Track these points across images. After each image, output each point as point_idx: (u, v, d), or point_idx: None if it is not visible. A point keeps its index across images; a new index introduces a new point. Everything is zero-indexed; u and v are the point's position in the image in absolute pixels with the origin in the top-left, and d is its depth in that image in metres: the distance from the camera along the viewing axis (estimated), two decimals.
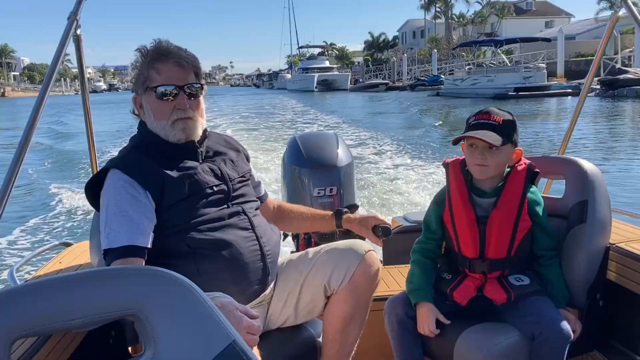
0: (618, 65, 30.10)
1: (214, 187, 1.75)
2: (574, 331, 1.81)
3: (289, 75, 77.51)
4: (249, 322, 1.41)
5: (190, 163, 1.75)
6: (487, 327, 1.84)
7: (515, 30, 54.26)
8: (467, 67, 39.25)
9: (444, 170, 2.06)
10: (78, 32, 2.28)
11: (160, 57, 1.72)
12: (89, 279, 0.83)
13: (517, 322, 1.83)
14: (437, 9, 63.86)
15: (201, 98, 1.79)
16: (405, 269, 2.53)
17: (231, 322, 1.31)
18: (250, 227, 1.77)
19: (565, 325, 1.78)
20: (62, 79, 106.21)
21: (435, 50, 50.93)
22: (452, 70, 42.35)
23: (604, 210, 1.96)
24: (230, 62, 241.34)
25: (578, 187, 1.98)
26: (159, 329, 0.80)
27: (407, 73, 56.36)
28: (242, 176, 1.88)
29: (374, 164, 10.31)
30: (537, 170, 1.95)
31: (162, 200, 1.66)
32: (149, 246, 1.61)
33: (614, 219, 2.11)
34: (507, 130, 1.87)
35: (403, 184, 8.16)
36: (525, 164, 1.93)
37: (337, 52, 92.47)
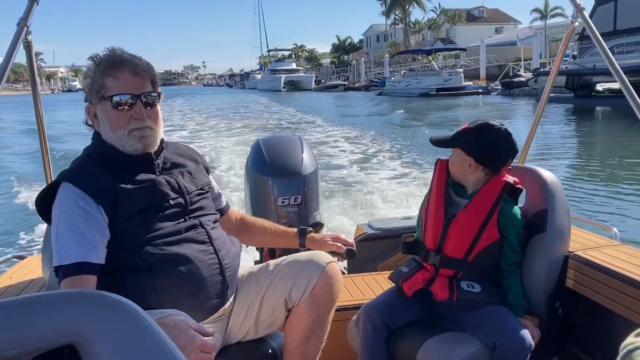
0: (522, 71, 35.97)
1: (171, 200, 1.66)
2: (532, 338, 1.77)
3: (259, 76, 78.47)
4: (203, 340, 1.35)
5: (146, 175, 1.65)
6: (449, 337, 1.81)
7: (467, 36, 58.03)
8: (403, 71, 45.40)
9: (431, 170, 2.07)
10: (29, 38, 2.18)
11: (115, 65, 1.62)
12: (24, 306, 0.77)
13: (478, 332, 1.80)
14: (396, 16, 67.91)
15: (158, 107, 1.70)
16: (369, 278, 2.51)
17: (184, 342, 1.29)
18: (208, 240, 1.68)
19: (526, 334, 1.75)
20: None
21: (387, 55, 53.95)
22: (393, 74, 48.11)
23: (562, 219, 1.94)
24: (203, 62, 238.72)
25: (538, 196, 1.96)
26: (101, 358, 0.74)
27: (365, 75, 59.00)
28: (201, 188, 1.78)
29: (338, 169, 9.97)
30: (520, 187, 1.92)
31: (115, 214, 1.57)
32: (101, 262, 1.52)
33: (572, 226, 2.09)
34: (460, 137, 1.93)
35: (366, 189, 7.93)
36: (506, 178, 1.90)
37: (307, 54, 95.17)
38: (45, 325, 0.77)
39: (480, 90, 35.84)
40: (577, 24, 2.45)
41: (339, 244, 1.93)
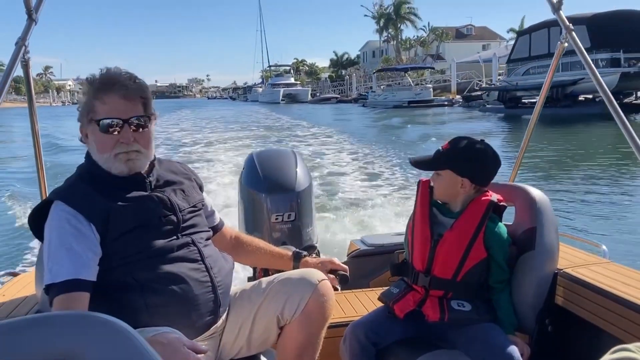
0: (483, 85, 39.13)
1: (163, 218, 1.59)
2: (522, 355, 1.70)
3: (260, 89, 79.89)
4: (196, 358, 1.29)
5: (137, 193, 1.59)
6: (440, 354, 1.76)
7: (456, 52, 58.38)
8: (382, 86, 49.07)
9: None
10: (26, 57, 2.16)
11: (104, 88, 1.54)
12: (13, 329, 0.73)
13: (468, 349, 1.73)
14: (389, 34, 68.59)
15: (150, 127, 1.62)
16: (362, 294, 2.41)
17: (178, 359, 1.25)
18: (200, 258, 1.62)
19: (516, 352, 1.67)
20: (48, 90, 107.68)
21: (374, 72, 54.93)
22: (374, 89, 51.24)
23: (551, 237, 1.88)
24: (207, 75, 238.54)
25: (527, 214, 1.90)
26: None
27: (356, 89, 60.71)
28: (194, 206, 1.71)
29: (332, 183, 9.57)
30: (504, 204, 1.85)
31: (107, 232, 1.51)
32: (93, 280, 1.46)
33: (561, 243, 2.02)
34: (446, 158, 1.82)
35: (360, 204, 7.61)
36: (489, 196, 1.83)
37: (308, 68, 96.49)
38: (36, 348, 0.73)
39: (446, 103, 39.40)
40: (566, 44, 2.40)
41: (332, 277, 1.87)
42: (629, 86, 22.53)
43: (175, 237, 1.61)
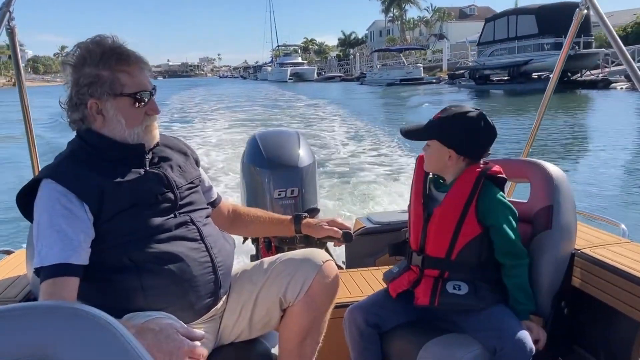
0: (470, 64, 40.43)
1: (159, 196, 1.47)
2: (537, 340, 1.57)
3: (270, 68, 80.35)
4: (191, 345, 1.20)
5: (133, 170, 1.46)
6: (449, 339, 1.64)
7: (458, 32, 58.58)
8: (378, 66, 51.87)
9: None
10: (12, 24, 1.99)
11: (127, 61, 1.44)
12: None
13: (479, 335, 1.60)
14: (393, 14, 66.96)
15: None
16: (367, 273, 2.30)
17: (171, 347, 1.18)
18: (199, 237, 1.50)
19: (527, 339, 1.53)
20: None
21: (375, 52, 56.07)
22: (372, 67, 53.46)
23: (569, 215, 1.74)
24: (218, 54, 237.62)
25: (543, 191, 1.75)
26: None
27: (360, 68, 61.74)
28: (191, 182, 1.58)
29: (336, 160, 9.17)
30: (502, 176, 1.68)
31: (101, 212, 1.38)
32: (84, 263, 1.34)
33: (579, 222, 1.87)
34: (435, 128, 1.67)
35: (367, 182, 7.29)
36: (480, 168, 1.65)
37: (317, 47, 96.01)
38: (10, 342, 0.67)
39: (434, 81, 41.30)
40: (585, 11, 2.20)
41: (335, 229, 1.76)
42: (573, 65, 25.15)
43: (172, 215, 1.50)
